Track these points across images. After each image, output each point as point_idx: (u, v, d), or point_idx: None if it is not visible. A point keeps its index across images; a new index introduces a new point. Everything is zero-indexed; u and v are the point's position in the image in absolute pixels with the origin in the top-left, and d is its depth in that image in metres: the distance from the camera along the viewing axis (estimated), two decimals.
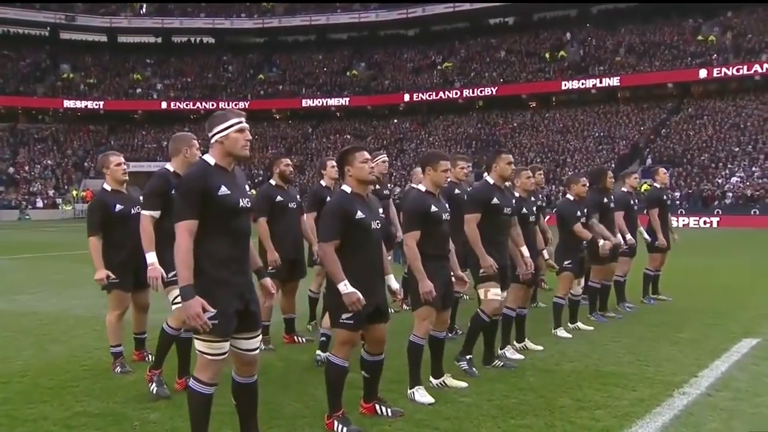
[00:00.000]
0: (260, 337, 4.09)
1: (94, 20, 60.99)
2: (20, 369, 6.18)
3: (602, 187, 8.52)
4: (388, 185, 8.99)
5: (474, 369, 5.97)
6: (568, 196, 7.80)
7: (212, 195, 3.77)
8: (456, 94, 53.74)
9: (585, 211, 7.77)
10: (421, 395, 5.20)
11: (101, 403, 5.14)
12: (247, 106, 56.45)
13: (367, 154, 4.64)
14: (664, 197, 9.94)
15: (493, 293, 6.00)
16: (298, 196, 7.22)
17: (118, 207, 5.87)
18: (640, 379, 5.87)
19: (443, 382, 5.62)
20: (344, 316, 4.46)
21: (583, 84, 49.70)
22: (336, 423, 4.56)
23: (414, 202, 5.35)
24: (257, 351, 4.04)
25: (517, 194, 6.74)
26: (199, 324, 3.64)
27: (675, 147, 43.02)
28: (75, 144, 58.22)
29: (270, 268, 6.76)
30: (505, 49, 55.87)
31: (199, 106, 57.58)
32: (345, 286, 4.39)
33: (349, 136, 54.10)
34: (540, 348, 6.93)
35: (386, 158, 8.04)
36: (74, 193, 50.54)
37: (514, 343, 6.94)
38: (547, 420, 4.83)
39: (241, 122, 3.91)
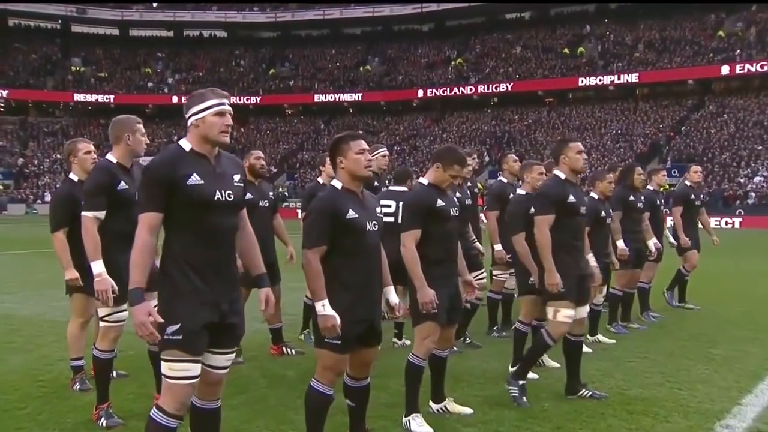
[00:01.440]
0: (233, 354, 3.55)
1: (105, 13, 61.83)
2: None
3: (629, 185, 7.97)
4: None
5: (525, 399, 5.15)
6: (592, 194, 7.14)
7: (180, 184, 3.25)
8: (471, 90, 54.21)
9: (610, 211, 7.12)
10: (418, 424, 4.50)
11: (44, 431, 4.47)
12: (258, 101, 58.23)
13: (364, 144, 3.95)
14: (692, 196, 9.32)
15: (564, 315, 5.16)
16: (270, 193, 6.69)
17: None
18: (673, 406, 5.10)
19: (444, 407, 4.91)
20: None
21: (600, 80, 49.74)
22: None
23: (416, 196, 4.71)
24: (227, 370, 3.50)
25: (524, 192, 6.16)
26: (146, 334, 3.14)
27: (695, 145, 42.52)
28: (85, 138, 57.76)
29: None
30: (522, 45, 55.85)
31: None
32: (323, 307, 3.74)
33: (361, 132, 53.21)
34: (557, 365, 6.12)
35: (386, 152, 7.46)
36: None
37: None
38: None
39: (221, 104, 3.38)
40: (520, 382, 5.19)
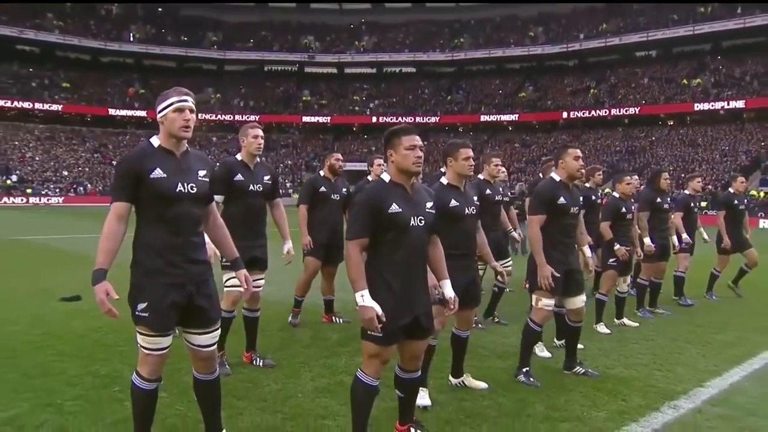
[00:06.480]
0: (216, 333, 3.52)
1: (327, 57, 71.22)
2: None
3: (656, 188, 7.95)
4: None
5: (533, 380, 5.03)
6: (614, 194, 7.14)
7: (144, 178, 3.28)
8: (605, 112, 58.19)
9: (632, 208, 7.13)
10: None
11: (71, 386, 4.74)
12: (437, 121, 65.00)
13: (416, 140, 3.53)
14: (735, 201, 9.44)
15: (545, 303, 5.07)
16: (344, 189, 6.91)
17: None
18: (641, 386, 4.89)
19: (462, 382, 4.99)
20: None
21: (712, 106, 52.99)
22: None
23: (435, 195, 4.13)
24: (212, 347, 3.52)
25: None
26: (105, 311, 3.14)
27: None
28: (308, 149, 67.32)
29: (305, 249, 6.73)
30: (648, 77, 59.83)
31: (400, 120, 60.51)
32: (362, 298, 3.34)
33: (517, 145, 59.76)
34: (580, 347, 5.66)
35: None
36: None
37: (555, 340, 6.32)
38: (502, 429, 4.06)
39: (181, 101, 3.33)
40: (524, 370, 5.12)
